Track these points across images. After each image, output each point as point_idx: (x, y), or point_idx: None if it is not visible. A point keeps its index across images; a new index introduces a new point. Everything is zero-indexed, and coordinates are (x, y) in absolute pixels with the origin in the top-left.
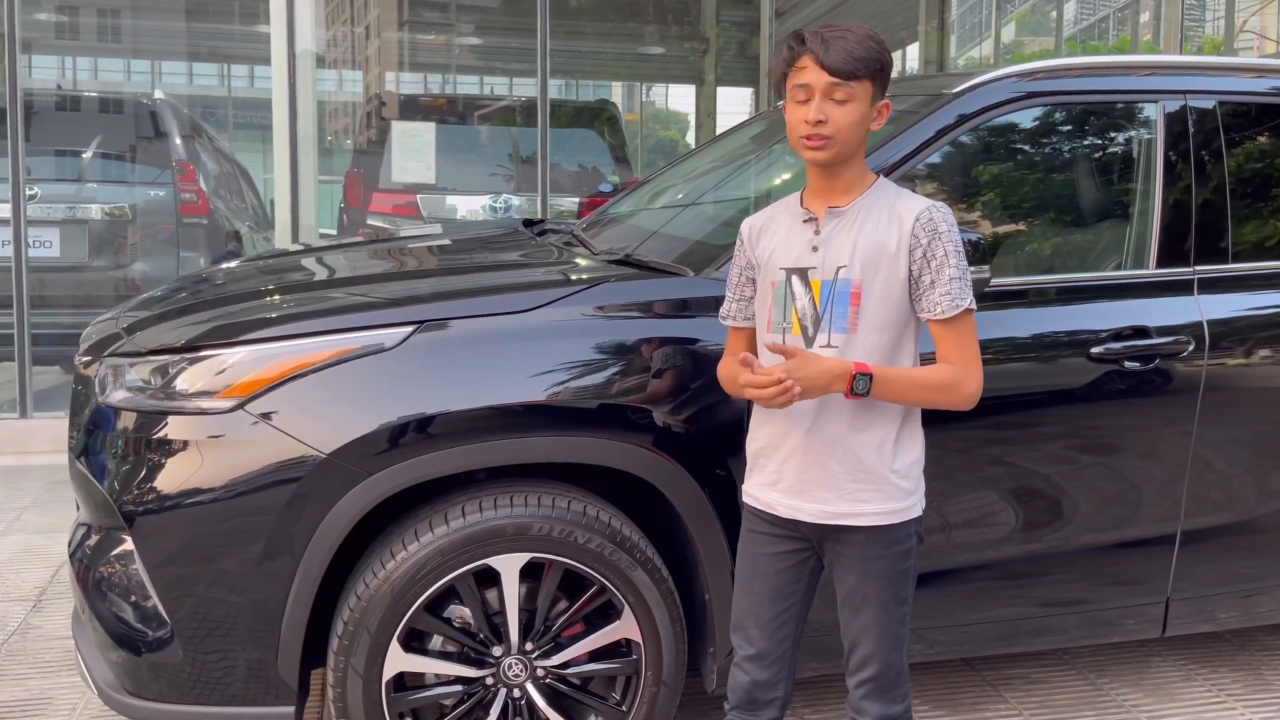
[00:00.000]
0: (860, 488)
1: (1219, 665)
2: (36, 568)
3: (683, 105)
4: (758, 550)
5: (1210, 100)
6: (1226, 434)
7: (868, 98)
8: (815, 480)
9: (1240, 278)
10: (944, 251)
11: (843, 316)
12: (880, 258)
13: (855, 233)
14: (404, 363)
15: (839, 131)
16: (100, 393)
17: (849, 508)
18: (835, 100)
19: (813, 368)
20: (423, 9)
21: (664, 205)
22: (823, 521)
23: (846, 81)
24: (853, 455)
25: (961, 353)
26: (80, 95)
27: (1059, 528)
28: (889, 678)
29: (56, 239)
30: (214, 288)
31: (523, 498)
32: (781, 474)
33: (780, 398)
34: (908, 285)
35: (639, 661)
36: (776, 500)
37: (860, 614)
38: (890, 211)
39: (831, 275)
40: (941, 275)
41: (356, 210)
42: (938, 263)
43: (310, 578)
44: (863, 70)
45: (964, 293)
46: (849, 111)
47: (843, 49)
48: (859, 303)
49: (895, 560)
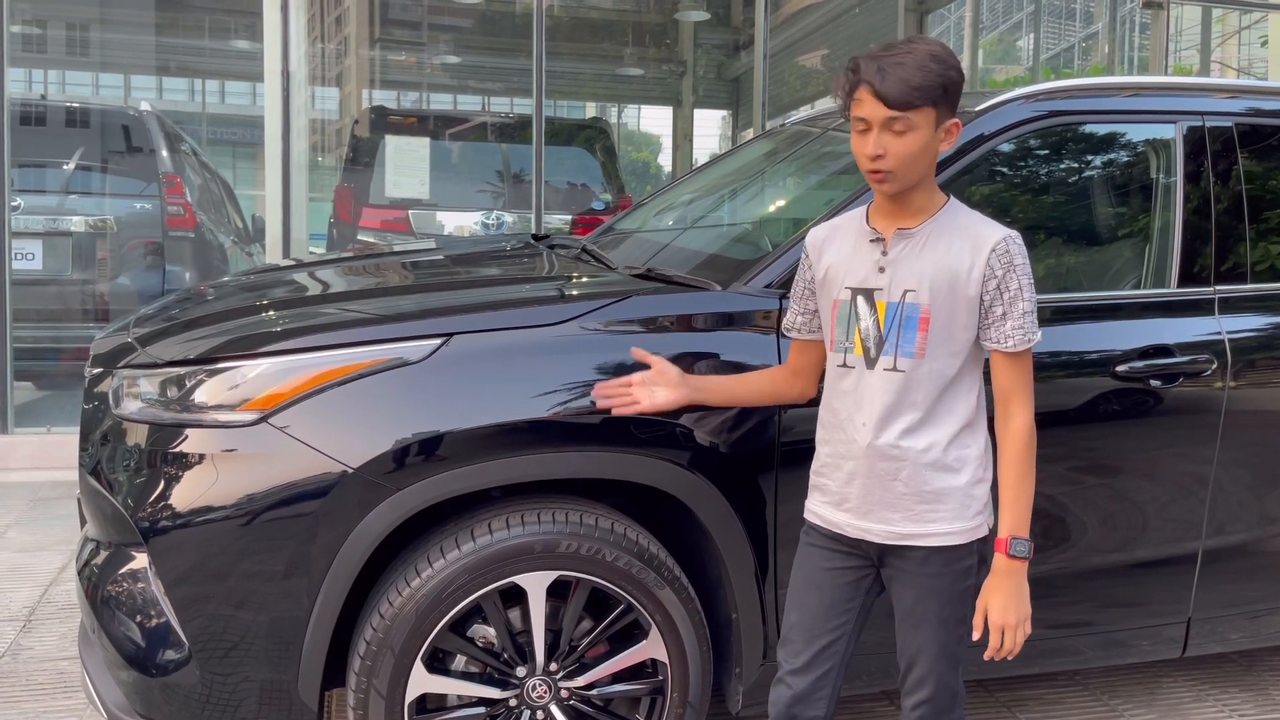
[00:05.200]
0: (926, 508)
1: (1228, 685)
2: (24, 587)
3: (656, 127)
4: (815, 564)
5: (1228, 120)
6: (1247, 452)
7: (930, 124)
8: (880, 501)
9: (1261, 297)
10: (1018, 285)
11: (910, 341)
12: (953, 284)
13: (925, 256)
14: (433, 375)
15: (900, 164)
16: (114, 405)
17: (915, 528)
18: (894, 132)
19: (1007, 606)
20: (396, 27)
21: (674, 220)
22: (887, 542)
23: (905, 113)
24: (919, 477)
25: (1021, 385)
26: (65, 106)
27: (1078, 546)
28: (944, 699)
29: (39, 251)
30: (224, 299)
31: (550, 514)
32: (846, 495)
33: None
34: (977, 314)
35: (665, 682)
36: (844, 521)
37: (918, 632)
38: (964, 237)
39: (898, 298)
40: (1015, 309)
41: (346, 225)
42: (1011, 295)
43: (334, 596)
44: (921, 99)
45: (1034, 327)
46: (909, 143)
47: (899, 78)
48: (927, 328)
49: (956, 578)
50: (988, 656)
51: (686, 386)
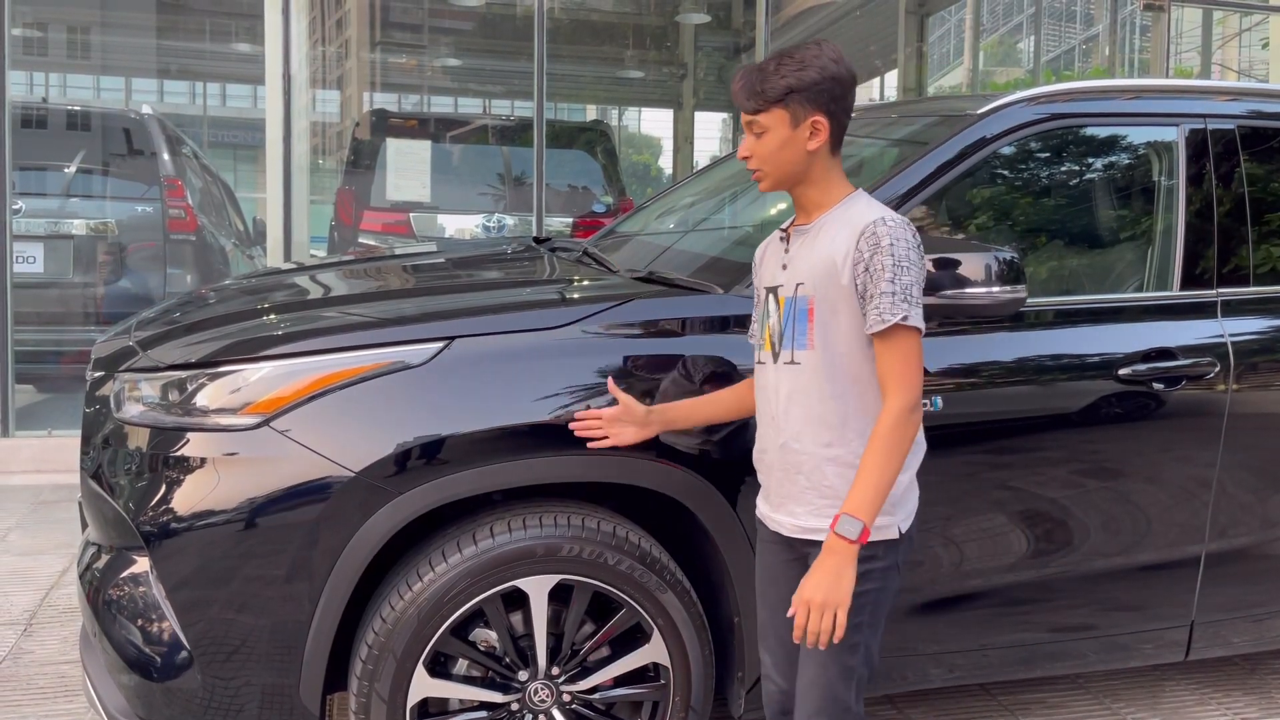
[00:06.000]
0: (826, 503)
1: (1231, 689)
2: (25, 591)
3: (657, 130)
4: (770, 560)
5: (1230, 123)
6: (1250, 456)
7: (784, 124)
8: (787, 494)
9: (1263, 300)
10: (882, 264)
11: (803, 333)
12: (829, 273)
13: (814, 249)
14: (435, 379)
15: (764, 163)
16: (115, 409)
17: (815, 522)
18: (754, 134)
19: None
20: (397, 30)
21: (676, 223)
22: (794, 535)
23: (754, 116)
24: (819, 472)
25: (892, 370)
26: (66, 109)
27: (1081, 550)
28: (836, 711)
29: (40, 254)
30: (226, 303)
31: (551, 518)
32: (768, 487)
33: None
34: (854, 301)
35: (667, 686)
36: (765, 513)
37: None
38: (846, 225)
39: (793, 292)
40: (877, 288)
41: (347, 228)
42: (874, 276)
43: (336, 599)
44: (766, 101)
45: (895, 308)
46: (766, 143)
47: (744, 85)
48: (813, 319)
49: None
50: (796, 639)
51: (653, 424)
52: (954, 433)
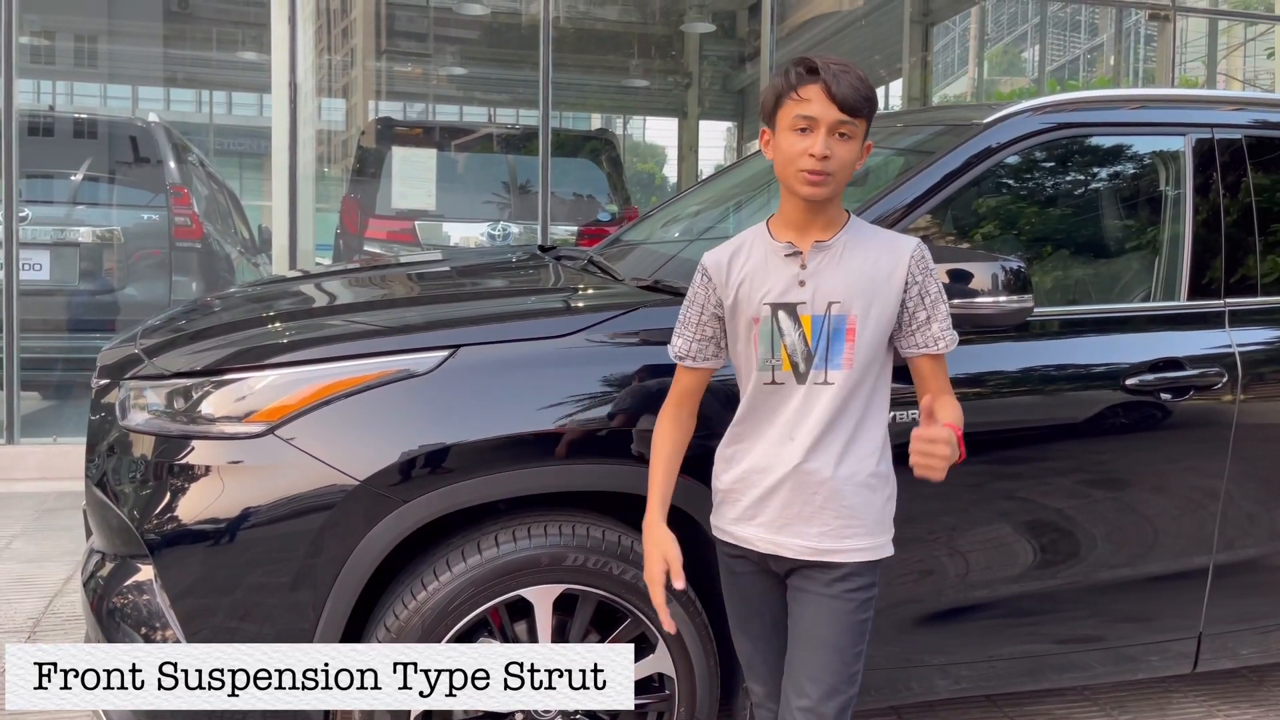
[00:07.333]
0: (842, 524)
1: (1239, 700)
2: (30, 598)
3: (661, 139)
4: (747, 590)
5: (1237, 133)
6: (1259, 466)
7: (862, 135)
8: (798, 516)
9: (1271, 310)
10: (937, 288)
11: (839, 353)
12: (875, 293)
13: (846, 267)
14: (440, 387)
15: (840, 169)
16: (121, 416)
17: (832, 544)
18: (840, 137)
19: (959, 417)
20: (403, 39)
21: (681, 231)
22: (799, 557)
23: (853, 118)
24: (839, 492)
25: (946, 384)
26: (73, 117)
27: (1088, 561)
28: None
29: (47, 262)
30: (231, 311)
31: (556, 527)
32: (761, 509)
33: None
34: (895, 322)
35: (672, 697)
36: (755, 536)
37: (811, 657)
38: (879, 246)
39: (824, 310)
40: (937, 311)
41: (353, 236)
42: (932, 299)
43: (340, 608)
44: (867, 109)
45: (952, 330)
46: (851, 149)
47: (851, 85)
48: (854, 339)
49: (859, 607)
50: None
51: (670, 541)
52: (970, 445)
